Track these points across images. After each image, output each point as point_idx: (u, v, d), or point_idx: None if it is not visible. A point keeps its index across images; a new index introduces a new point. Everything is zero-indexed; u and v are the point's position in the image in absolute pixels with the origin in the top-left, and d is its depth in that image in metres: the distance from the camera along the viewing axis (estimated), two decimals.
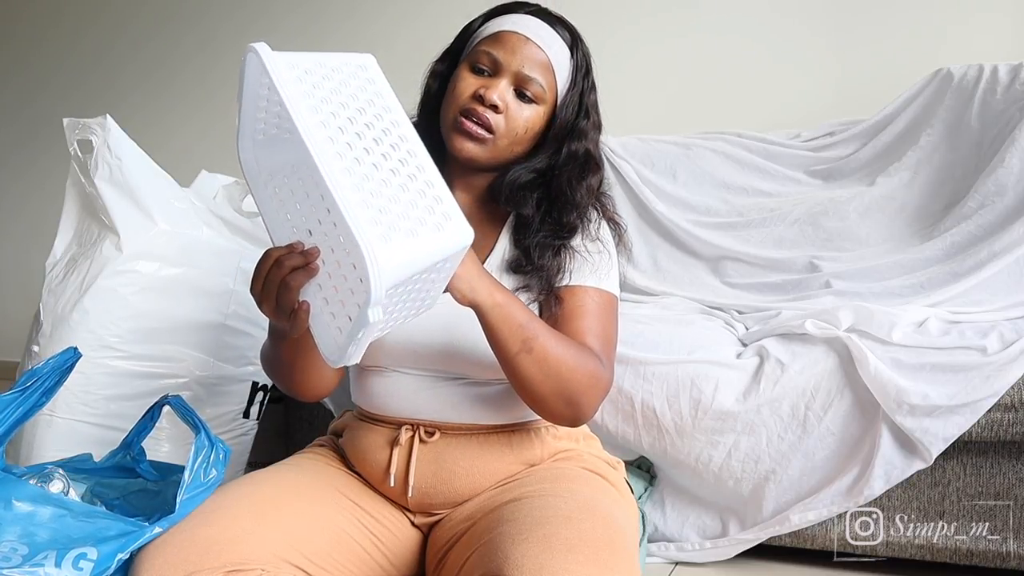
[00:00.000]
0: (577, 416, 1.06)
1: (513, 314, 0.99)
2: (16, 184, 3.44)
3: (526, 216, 1.13)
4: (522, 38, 1.11)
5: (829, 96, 2.37)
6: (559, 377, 1.01)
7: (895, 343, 1.47)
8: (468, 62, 1.13)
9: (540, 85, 1.11)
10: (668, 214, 2.12)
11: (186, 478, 1.00)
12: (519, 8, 1.16)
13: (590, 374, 1.04)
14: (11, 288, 3.36)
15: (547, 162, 1.14)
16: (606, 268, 1.13)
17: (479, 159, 1.12)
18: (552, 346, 1.01)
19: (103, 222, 1.56)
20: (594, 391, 1.05)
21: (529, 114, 1.11)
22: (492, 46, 1.11)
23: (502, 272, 1.13)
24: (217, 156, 2.93)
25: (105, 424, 1.50)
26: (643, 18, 2.55)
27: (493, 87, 1.09)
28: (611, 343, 1.11)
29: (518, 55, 1.10)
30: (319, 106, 0.83)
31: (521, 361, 1.00)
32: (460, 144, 1.11)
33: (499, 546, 0.92)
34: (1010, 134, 1.85)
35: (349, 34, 2.90)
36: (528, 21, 1.13)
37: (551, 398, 1.03)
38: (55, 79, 3.37)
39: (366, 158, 0.83)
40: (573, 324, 1.08)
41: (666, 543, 1.58)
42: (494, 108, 1.09)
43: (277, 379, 1.16)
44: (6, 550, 0.90)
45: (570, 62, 1.15)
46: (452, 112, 1.11)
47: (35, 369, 1.06)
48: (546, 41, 1.12)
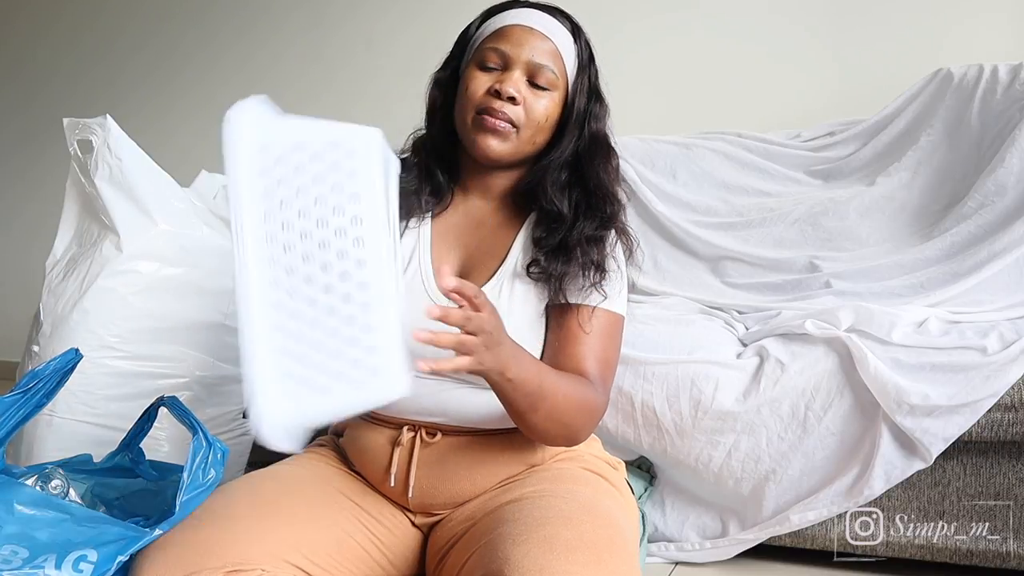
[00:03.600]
0: (571, 443, 1.09)
1: (526, 381, 0.96)
2: (16, 184, 3.44)
3: (559, 214, 1.12)
4: (526, 29, 1.12)
5: (829, 96, 2.37)
6: (562, 420, 1.03)
7: (895, 343, 1.47)
8: (476, 62, 1.13)
9: (552, 72, 1.11)
10: (668, 214, 2.12)
11: (185, 479, 1.00)
12: (515, 4, 1.17)
13: (588, 411, 1.05)
14: (11, 288, 3.35)
15: (573, 149, 1.15)
16: (616, 288, 1.13)
17: (504, 155, 1.12)
18: (559, 400, 1.01)
19: (103, 222, 1.56)
20: (590, 422, 1.07)
21: (546, 102, 1.12)
22: (498, 42, 1.12)
23: (515, 278, 1.12)
24: (217, 156, 2.91)
25: (105, 424, 1.49)
26: (643, 18, 2.55)
27: (507, 80, 1.10)
28: (611, 366, 1.12)
29: (526, 46, 1.11)
30: (270, 207, 0.73)
31: (528, 419, 1.01)
32: (484, 142, 1.10)
33: (499, 546, 0.92)
34: (1010, 134, 1.85)
35: (349, 34, 2.90)
36: (529, 13, 1.14)
37: (550, 437, 1.06)
38: (55, 79, 3.36)
39: (302, 289, 0.74)
40: (573, 347, 1.08)
41: (666, 543, 1.58)
42: (512, 100, 1.09)
43: None
44: (7, 553, 0.91)
45: (575, 47, 1.15)
46: (470, 112, 1.11)
47: (36, 370, 1.06)
48: (550, 29, 1.13)
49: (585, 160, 1.15)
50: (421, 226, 1.17)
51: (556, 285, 1.10)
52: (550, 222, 1.13)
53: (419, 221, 1.17)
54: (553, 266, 1.10)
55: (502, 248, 1.15)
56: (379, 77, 2.84)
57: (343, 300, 0.75)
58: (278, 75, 3.02)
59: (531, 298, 1.11)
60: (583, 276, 1.10)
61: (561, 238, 1.11)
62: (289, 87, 3.00)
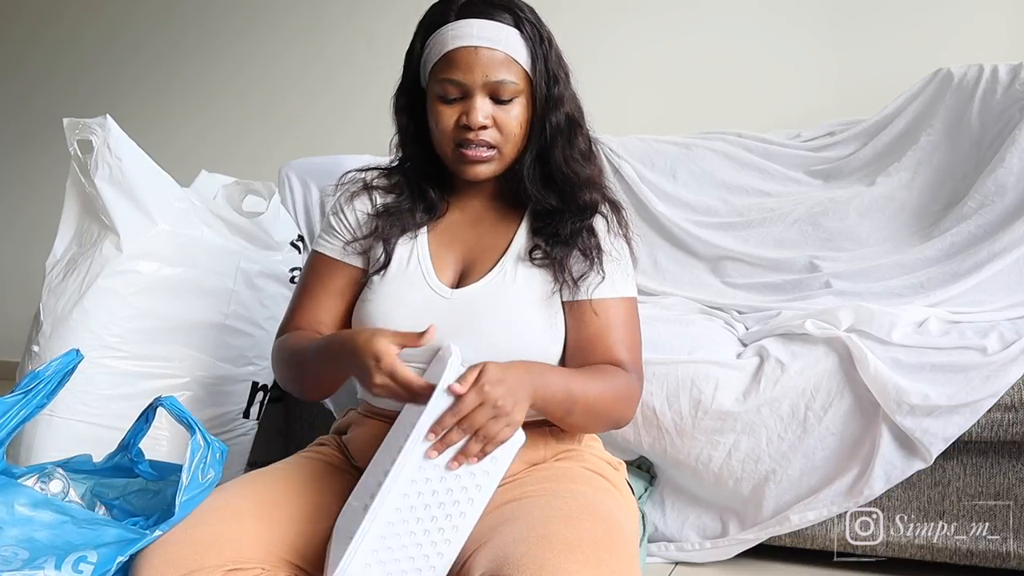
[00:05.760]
0: (620, 426, 1.15)
1: (554, 397, 1.04)
2: (16, 184, 3.44)
3: (550, 206, 1.14)
4: (471, 50, 1.07)
5: (829, 96, 2.37)
6: (600, 415, 1.10)
7: (895, 343, 1.48)
8: (435, 95, 1.11)
9: (512, 82, 1.09)
10: (668, 214, 2.12)
11: (184, 480, 1.00)
12: (448, 13, 1.10)
13: (625, 397, 1.11)
14: (11, 288, 3.35)
15: (538, 145, 1.14)
16: (623, 273, 1.15)
17: (494, 174, 1.13)
18: (592, 399, 1.07)
19: (103, 222, 1.56)
20: (630, 405, 1.13)
21: (516, 111, 1.10)
22: (449, 72, 1.08)
23: (519, 262, 1.13)
24: (217, 156, 2.94)
25: (105, 424, 1.49)
26: (643, 18, 2.55)
27: (472, 109, 1.08)
28: (638, 346, 1.16)
29: (477, 69, 1.07)
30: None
31: (568, 422, 1.08)
32: (472, 172, 1.12)
33: (500, 545, 0.92)
34: (1010, 134, 1.85)
35: (350, 35, 2.90)
36: (467, 27, 1.08)
37: (598, 429, 1.15)
38: (55, 79, 3.36)
39: (411, 514, 0.93)
40: (603, 340, 1.12)
41: (666, 543, 1.58)
42: (483, 128, 1.09)
43: (297, 383, 1.18)
44: (8, 553, 0.91)
45: (523, 41, 1.10)
46: (448, 148, 1.11)
47: (38, 371, 1.06)
48: (494, 38, 1.08)
49: (547, 153, 1.14)
50: (419, 233, 1.18)
51: (564, 276, 1.11)
52: (544, 214, 1.15)
53: (416, 231, 1.18)
54: (555, 251, 1.12)
55: (504, 239, 1.16)
56: (379, 77, 2.83)
57: (442, 524, 0.95)
58: (278, 75, 3.02)
59: (536, 281, 1.12)
60: (585, 260, 1.12)
61: (554, 229, 1.13)
62: (289, 87, 3.00)
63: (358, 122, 2.74)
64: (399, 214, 1.17)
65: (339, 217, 1.21)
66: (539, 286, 1.12)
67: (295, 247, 1.84)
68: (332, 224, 1.21)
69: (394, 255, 1.15)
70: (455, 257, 1.16)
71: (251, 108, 3.06)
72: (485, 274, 1.13)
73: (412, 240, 1.17)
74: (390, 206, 1.18)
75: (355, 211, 1.20)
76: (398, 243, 1.16)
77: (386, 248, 1.15)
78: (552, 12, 1.24)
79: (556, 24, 1.18)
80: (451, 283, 1.14)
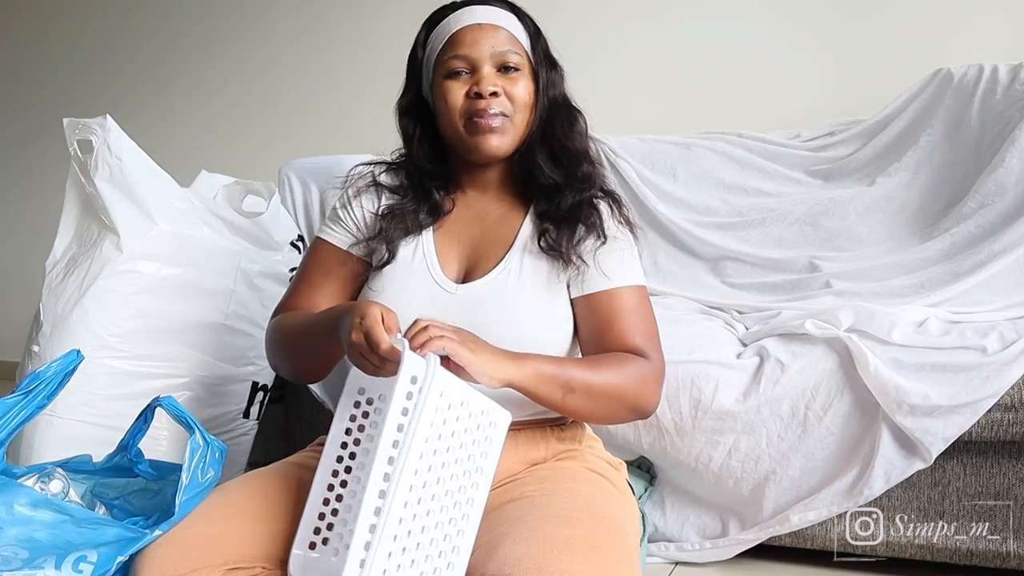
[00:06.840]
0: (644, 413, 1.13)
1: (543, 371, 1.02)
2: (16, 184, 3.44)
3: (556, 185, 1.15)
4: (475, 27, 1.13)
5: (829, 96, 2.37)
6: (609, 397, 1.07)
7: (895, 343, 1.48)
8: (442, 76, 1.14)
9: (516, 53, 1.14)
10: (668, 214, 2.12)
11: (183, 480, 1.00)
12: (451, 8, 1.18)
13: (637, 379, 1.08)
14: (11, 288, 3.35)
15: (538, 122, 1.17)
16: (628, 262, 1.16)
17: (507, 149, 1.14)
18: (591, 376, 1.05)
19: (103, 222, 1.56)
20: (648, 388, 1.10)
21: (523, 83, 1.14)
22: (455, 49, 1.13)
23: (524, 253, 1.14)
24: (217, 156, 2.93)
25: (105, 424, 1.49)
26: (643, 18, 2.55)
27: (481, 80, 1.12)
28: (654, 331, 1.16)
29: (483, 42, 1.13)
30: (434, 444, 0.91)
31: (569, 403, 1.05)
32: (486, 144, 1.12)
33: (500, 545, 0.92)
34: (1010, 134, 1.85)
35: (350, 35, 2.90)
36: (470, 11, 1.15)
37: (614, 415, 1.11)
38: (55, 79, 3.36)
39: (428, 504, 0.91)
40: (616, 328, 1.12)
41: (666, 543, 1.58)
42: (494, 95, 1.11)
43: (289, 359, 1.18)
44: (7, 553, 0.91)
45: (522, 25, 1.17)
46: (460, 122, 1.13)
47: (38, 372, 1.05)
48: (497, 18, 1.15)
49: (550, 127, 1.17)
50: (423, 231, 1.18)
51: (571, 255, 1.12)
52: (551, 196, 1.16)
53: (420, 231, 1.19)
54: (561, 235, 1.12)
55: (510, 233, 1.17)
56: (379, 77, 2.83)
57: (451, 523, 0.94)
58: (278, 75, 3.02)
59: (542, 270, 1.13)
60: (589, 234, 1.12)
61: (559, 205, 1.14)
62: (289, 87, 3.00)
63: (358, 122, 2.75)
64: (403, 216, 1.17)
65: (347, 210, 1.22)
66: (546, 278, 1.13)
67: (295, 247, 1.84)
68: (339, 215, 1.22)
69: (399, 253, 1.16)
70: (460, 253, 1.17)
71: (251, 108, 3.06)
72: (491, 269, 1.14)
73: (417, 237, 1.18)
74: (395, 207, 1.19)
75: (362, 208, 1.21)
76: (402, 243, 1.17)
77: (390, 248, 1.16)
78: (552, 12, 1.25)
79: (556, 24, 1.20)
80: (456, 278, 1.15)
